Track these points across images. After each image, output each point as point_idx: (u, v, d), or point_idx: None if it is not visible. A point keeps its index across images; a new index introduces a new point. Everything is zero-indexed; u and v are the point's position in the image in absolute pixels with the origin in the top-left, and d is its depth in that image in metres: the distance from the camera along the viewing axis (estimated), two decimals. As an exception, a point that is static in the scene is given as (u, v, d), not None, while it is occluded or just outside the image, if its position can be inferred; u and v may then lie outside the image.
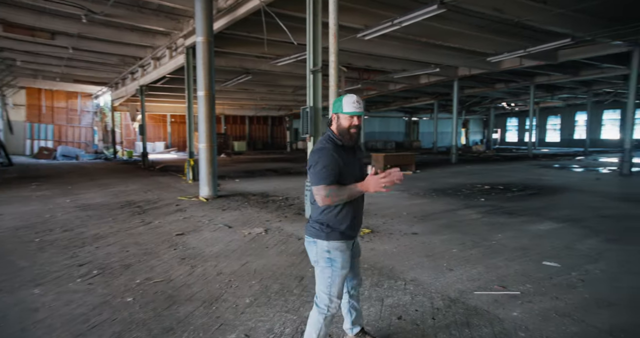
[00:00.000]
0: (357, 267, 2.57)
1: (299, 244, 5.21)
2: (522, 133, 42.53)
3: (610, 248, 4.90)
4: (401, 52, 13.39)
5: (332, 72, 5.39)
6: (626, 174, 13.19)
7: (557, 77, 20.78)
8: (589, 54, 14.48)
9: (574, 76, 20.32)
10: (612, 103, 32.86)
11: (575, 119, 37.59)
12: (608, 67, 18.27)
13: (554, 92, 27.17)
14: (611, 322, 2.99)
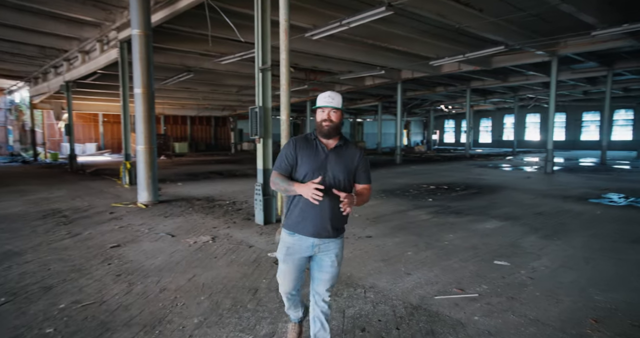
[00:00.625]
0: (324, 275, 2.37)
1: (250, 253, 4.90)
2: (459, 134, 45.08)
3: (549, 244, 5.16)
4: (348, 53, 13.44)
5: (283, 70, 5.15)
6: (549, 173, 14.33)
7: (490, 82, 22.20)
8: (517, 61, 15.58)
9: (503, 82, 21.82)
10: (533, 107, 35.91)
11: (504, 122, 40.56)
12: (532, 74, 19.82)
13: (486, 96, 29.02)
14: (561, 319, 3.07)
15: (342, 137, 2.36)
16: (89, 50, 13.30)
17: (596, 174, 14.02)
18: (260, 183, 6.26)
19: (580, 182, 11.80)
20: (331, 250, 2.34)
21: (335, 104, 2.26)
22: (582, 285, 3.76)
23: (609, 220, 6.60)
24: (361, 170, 2.35)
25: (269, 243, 5.31)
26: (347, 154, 2.34)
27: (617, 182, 11.80)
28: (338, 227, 2.33)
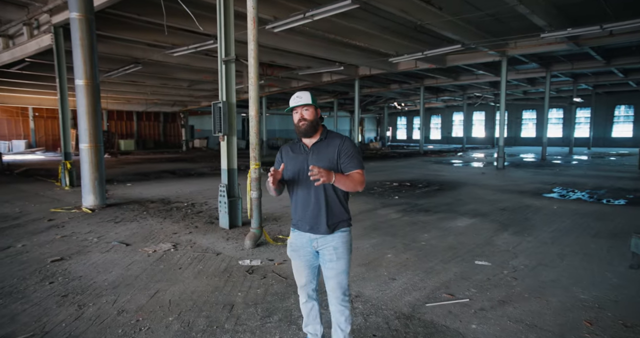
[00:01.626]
0: (327, 271, 2.35)
1: (218, 261, 4.47)
2: (411, 131, 46.39)
3: (521, 241, 5.21)
4: (307, 48, 13.12)
5: (251, 62, 4.73)
6: (501, 168, 14.97)
7: (442, 81, 22.87)
8: (470, 60, 16.10)
9: (455, 80, 22.59)
10: (480, 105, 37.76)
11: (452, 119, 42.30)
12: (481, 73, 20.66)
13: (438, 94, 30.00)
14: (557, 323, 3.00)
15: (323, 132, 2.35)
16: (14, 34, 11.83)
17: (541, 169, 14.84)
18: (224, 185, 5.80)
19: (529, 177, 12.38)
20: (328, 243, 2.29)
21: (305, 101, 2.26)
22: (565, 284, 3.75)
23: (566, 214, 6.86)
24: (344, 157, 2.26)
25: (238, 250, 4.89)
26: (328, 146, 2.31)
27: (560, 176, 12.52)
28: (332, 222, 2.28)
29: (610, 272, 4.09)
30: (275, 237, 5.42)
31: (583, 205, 7.68)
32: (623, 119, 32.33)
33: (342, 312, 2.36)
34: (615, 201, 8.10)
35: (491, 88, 26.88)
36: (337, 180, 2.13)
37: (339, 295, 2.34)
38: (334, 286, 2.33)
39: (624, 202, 7.98)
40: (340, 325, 2.38)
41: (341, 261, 2.30)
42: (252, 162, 4.91)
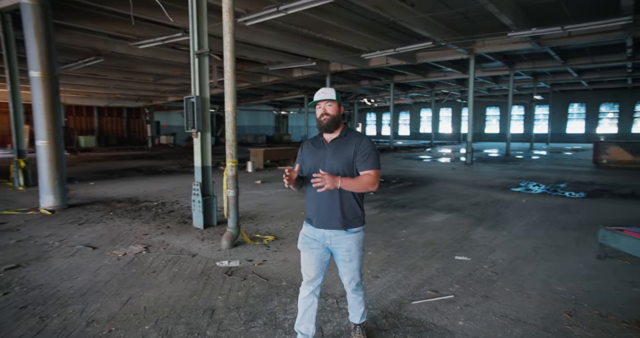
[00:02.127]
0: (341, 269, 2.50)
1: (195, 263, 4.27)
2: (380, 127, 46.95)
3: (496, 235, 5.33)
4: (279, 43, 12.90)
5: (227, 55, 4.53)
6: (469, 164, 15.40)
7: (411, 77, 23.21)
8: (440, 58, 16.41)
9: (424, 77, 22.98)
10: (447, 102, 38.76)
11: (420, 115, 43.18)
12: (449, 70, 21.15)
13: (407, 91, 30.46)
14: (540, 316, 3.05)
15: (344, 129, 2.39)
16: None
17: (506, 164, 15.38)
18: (198, 183, 5.57)
19: (497, 172, 12.79)
20: (342, 243, 2.36)
21: (329, 97, 2.30)
22: (542, 277, 3.84)
23: (534, 208, 7.10)
24: (360, 155, 2.28)
25: (215, 251, 4.71)
26: (347, 143, 2.33)
27: (525, 171, 13.01)
28: (346, 220, 2.32)
29: (581, 263, 4.23)
30: (252, 237, 5.26)
31: (549, 199, 7.98)
32: (576, 116, 34.17)
33: (355, 298, 2.59)
34: (576, 194, 8.48)
35: (458, 85, 27.59)
36: (344, 185, 2.17)
37: (353, 287, 2.53)
38: (349, 280, 2.49)
39: (584, 195, 8.37)
40: (354, 307, 2.63)
41: (354, 262, 2.42)
42: (228, 160, 4.73)
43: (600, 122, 33.17)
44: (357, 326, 2.70)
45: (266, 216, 6.51)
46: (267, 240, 5.08)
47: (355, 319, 2.68)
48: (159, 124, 33.19)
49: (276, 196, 8.37)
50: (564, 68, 19.84)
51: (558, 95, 32.77)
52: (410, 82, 25.22)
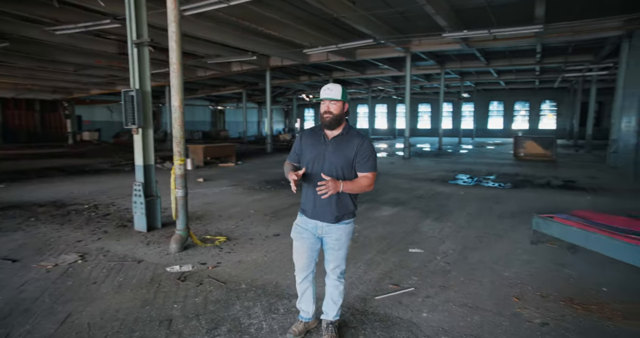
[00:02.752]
0: (328, 256, 2.58)
1: (142, 270, 3.95)
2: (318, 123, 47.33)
3: (443, 227, 5.61)
4: (218, 35, 12.39)
5: (173, 45, 4.21)
6: (407, 158, 16.11)
7: (350, 74, 23.65)
8: (378, 55, 16.88)
9: (362, 74, 23.55)
10: (382, 98, 40.19)
11: (357, 111, 44.26)
12: (386, 68, 21.88)
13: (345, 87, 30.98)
14: (493, 302, 3.26)
15: (345, 127, 2.47)
16: None
17: (441, 158, 16.32)
18: (140, 183, 5.16)
19: (433, 165, 13.51)
20: (332, 233, 2.48)
21: (334, 95, 2.37)
22: (489, 264, 4.11)
23: (472, 199, 7.60)
24: (360, 157, 2.39)
25: (163, 255, 4.40)
26: (348, 142, 2.41)
27: (458, 164, 13.91)
28: (339, 213, 2.44)
29: (519, 249, 4.60)
30: (202, 238, 5.00)
31: (482, 190, 8.59)
32: (496, 113, 37.30)
33: (337, 286, 2.62)
34: (505, 185, 9.23)
35: (393, 82, 28.64)
36: (345, 188, 2.32)
37: (337, 274, 2.60)
38: (334, 268, 2.58)
39: (511, 186, 9.14)
40: (333, 298, 2.63)
41: (342, 250, 2.54)
42: (176, 158, 4.43)
43: (515, 118, 36.54)
44: (329, 324, 2.68)
45: (214, 216, 6.24)
46: (218, 241, 4.86)
47: (330, 316, 2.66)
48: (80, 119, 30.37)
49: (221, 194, 8.06)
50: (487, 68, 21.49)
51: (481, 94, 35.48)
52: (349, 78, 25.72)
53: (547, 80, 27.99)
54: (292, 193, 8.03)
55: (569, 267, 4.01)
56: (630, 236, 3.72)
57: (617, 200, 7.39)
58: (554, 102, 34.47)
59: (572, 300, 3.26)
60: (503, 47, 16.54)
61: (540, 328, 2.82)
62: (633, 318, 2.99)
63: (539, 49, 16.28)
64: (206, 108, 40.13)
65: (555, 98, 34.10)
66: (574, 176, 10.58)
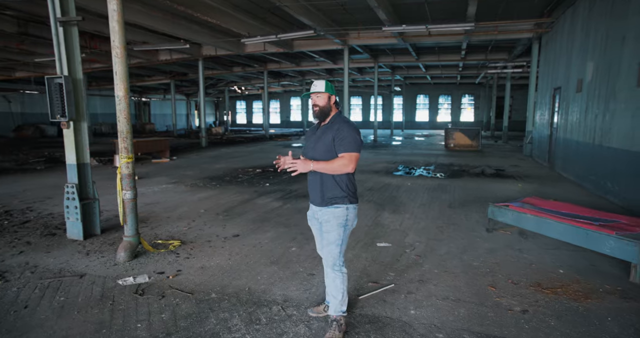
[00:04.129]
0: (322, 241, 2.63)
1: (87, 286, 3.41)
2: (251, 115, 46.22)
3: (402, 219, 5.68)
4: (146, 19, 11.34)
5: (115, 26, 3.63)
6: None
7: (285, 66, 23.28)
8: (316, 47, 16.77)
9: (297, 66, 23.31)
10: (316, 91, 40.34)
11: (291, 103, 43.99)
12: (322, 60, 21.90)
13: (279, 79, 30.53)
14: (473, 293, 3.31)
15: (333, 117, 2.60)
16: None
17: (379, 150, 16.76)
18: (74, 184, 4.47)
19: (373, 157, 13.81)
20: (323, 215, 2.57)
21: (318, 89, 2.54)
22: (456, 254, 4.21)
23: (420, 189, 7.84)
24: (337, 139, 2.46)
25: (109, 266, 3.86)
26: (330, 129, 2.52)
27: (397, 155, 14.39)
28: (326, 196, 2.53)
29: (478, 237, 4.79)
30: (153, 244, 4.50)
31: (427, 181, 8.93)
32: (422, 106, 39.49)
33: (333, 278, 2.59)
34: (445, 175, 9.70)
35: (327, 75, 28.82)
36: (317, 167, 2.42)
37: (329, 263, 2.59)
38: (325, 255, 2.61)
39: (451, 175, 9.64)
40: (331, 291, 2.60)
41: (331, 234, 2.54)
42: (122, 155, 3.88)
43: (439, 111, 38.99)
44: (333, 321, 2.61)
45: (160, 218, 5.68)
46: (173, 246, 4.40)
47: (331, 311, 2.63)
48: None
49: (163, 194, 7.41)
50: (417, 63, 22.50)
51: (409, 87, 37.23)
52: (283, 70, 25.34)
53: (467, 76, 30.17)
54: (240, 190, 7.65)
55: (526, 252, 4.25)
56: (578, 220, 4.03)
57: (542, 187, 8.11)
58: (472, 96, 37.34)
59: (540, 285, 3.43)
60: (433, 43, 17.35)
61: (522, 316, 2.91)
62: (593, 297, 3.22)
63: (464, 46, 17.36)
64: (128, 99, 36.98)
65: (473, 92, 36.94)
66: (501, 165, 11.48)
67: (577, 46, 9.25)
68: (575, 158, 8.83)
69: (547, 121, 11.81)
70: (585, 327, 2.78)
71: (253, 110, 46.08)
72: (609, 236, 3.65)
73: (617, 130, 6.73)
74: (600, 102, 7.49)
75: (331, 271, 2.59)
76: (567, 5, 10.26)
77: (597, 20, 8.05)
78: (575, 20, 9.56)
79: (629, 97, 6.40)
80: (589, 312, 2.99)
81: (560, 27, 10.99)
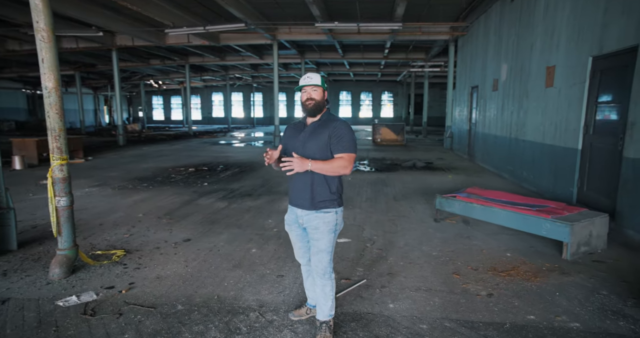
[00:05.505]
0: (311, 248, 2.49)
1: (14, 311, 2.89)
2: (169, 111, 43.51)
3: (355, 213, 5.74)
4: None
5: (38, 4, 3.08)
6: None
7: (209, 59, 22.26)
8: (244, 41, 16.29)
9: (222, 60, 22.43)
10: (238, 87, 39.36)
11: (212, 99, 42.28)
12: (248, 55, 21.36)
13: (201, 73, 29.11)
14: (441, 281, 3.45)
15: (325, 113, 2.44)
16: None
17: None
18: (-15, 193, 3.75)
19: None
20: (311, 221, 2.40)
21: (314, 82, 2.36)
22: (415, 245, 4.36)
23: (362, 184, 8.01)
24: (334, 138, 2.32)
25: (40, 286, 3.31)
26: (324, 127, 2.37)
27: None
28: (316, 200, 2.37)
29: (430, 228, 5.04)
30: (92, 255, 3.97)
31: (365, 175, 9.18)
32: (345, 103, 40.72)
33: (322, 286, 2.47)
34: (381, 169, 10.08)
35: (252, 70, 28.19)
36: (314, 167, 2.23)
37: (319, 272, 2.45)
38: (315, 262, 2.45)
39: (386, 169, 10.04)
40: (320, 297, 2.49)
41: (321, 241, 2.40)
42: (54, 156, 3.34)
43: (361, 107, 40.54)
44: (322, 324, 2.54)
45: (92, 225, 5.05)
46: (117, 256, 3.93)
47: (321, 316, 2.53)
48: None
49: (87, 198, 6.61)
50: (342, 60, 23.03)
51: (333, 84, 38.06)
52: (206, 64, 24.24)
53: (387, 74, 31.71)
54: (177, 191, 7.15)
55: (474, 239, 4.57)
56: (518, 207, 4.44)
57: (469, 177, 8.84)
58: (391, 93, 39.42)
59: (495, 269, 3.71)
60: (360, 41, 17.86)
61: (489, 299, 3.11)
62: (540, 276, 3.56)
63: (387, 45, 18.16)
64: (18, 92, 32.35)
65: (392, 90, 39.00)
66: (428, 158, 12.26)
67: (491, 49, 10.19)
68: (493, 151, 9.76)
69: (466, 117, 12.88)
70: (542, 303, 3.05)
71: (172, 106, 43.46)
72: (546, 220, 4.07)
73: (531, 125, 7.56)
74: (515, 100, 8.35)
75: (321, 279, 2.46)
76: (480, 12, 11.24)
77: (508, 27, 8.94)
78: (489, 26, 10.53)
79: (540, 96, 7.22)
80: (541, 289, 3.29)
81: (475, 31, 12.03)
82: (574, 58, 6.03)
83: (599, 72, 5.51)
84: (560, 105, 6.36)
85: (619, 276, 3.57)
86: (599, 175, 5.47)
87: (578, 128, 5.85)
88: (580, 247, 4.04)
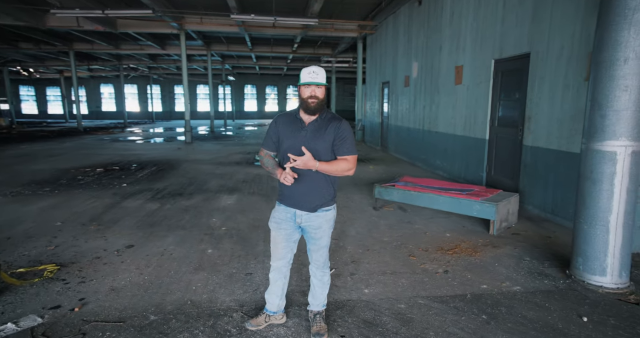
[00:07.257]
0: (311, 246, 2.51)
1: (-56, 351, 2.36)
2: (44, 104, 37.89)
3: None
4: None
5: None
6: (190, 142, 15.30)
7: (100, 47, 19.98)
8: (146, 29, 14.97)
9: (116, 48, 20.30)
10: (131, 78, 36.01)
11: (101, 91, 37.95)
12: (149, 44, 19.69)
13: (89, 62, 25.90)
14: (401, 264, 3.73)
15: (324, 111, 2.37)
16: None
17: (223, 141, 16.30)
18: None
19: (223, 149, 13.37)
20: (312, 221, 2.40)
21: (320, 80, 2.27)
22: (365, 233, 4.59)
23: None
24: (339, 140, 2.31)
25: (-37, 317, 2.73)
26: (325, 126, 2.33)
27: (245, 146, 14.31)
28: (319, 201, 2.36)
29: (373, 216, 5.33)
30: (15, 274, 3.37)
31: (291, 169, 9.25)
32: (250, 96, 40.11)
33: (321, 277, 2.56)
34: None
35: (150, 61, 26.02)
36: (321, 168, 2.23)
37: (319, 265, 2.54)
38: (317, 258, 2.52)
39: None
40: (318, 289, 2.58)
41: (324, 238, 2.46)
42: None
43: (267, 101, 40.33)
44: (317, 315, 2.60)
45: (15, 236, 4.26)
46: (49, 272, 3.40)
47: (316, 306, 2.62)
48: None
49: (-24, 208, 5.52)
50: (250, 53, 22.58)
51: (238, 77, 37.09)
52: (96, 52, 21.63)
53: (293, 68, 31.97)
54: (93, 194, 6.41)
55: (415, 224, 4.99)
56: (451, 192, 4.97)
57: (389, 167, 9.51)
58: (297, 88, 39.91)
59: (442, 249, 4.12)
60: (271, 35, 17.71)
61: (447, 275, 3.46)
62: (479, 251, 4.08)
63: (298, 40, 18.33)
64: None
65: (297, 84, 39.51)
66: (345, 151, 12.78)
67: (401, 48, 11.02)
68: (407, 142, 10.63)
69: (377, 110, 13.73)
70: (488, 274, 3.51)
71: (48, 99, 37.89)
72: (476, 202, 4.64)
73: (443, 119, 8.43)
74: (427, 96, 9.20)
75: (321, 270, 2.55)
76: (388, 12, 12.04)
77: (417, 28, 9.78)
78: (397, 26, 11.35)
79: (450, 92, 8.08)
80: (483, 262, 3.78)
81: (384, 30, 12.84)
82: (479, 60, 6.88)
83: (501, 73, 6.40)
84: (469, 100, 7.22)
85: (532, 244, 4.26)
86: (504, 161, 6.38)
87: (485, 121, 6.71)
88: (502, 223, 4.70)
